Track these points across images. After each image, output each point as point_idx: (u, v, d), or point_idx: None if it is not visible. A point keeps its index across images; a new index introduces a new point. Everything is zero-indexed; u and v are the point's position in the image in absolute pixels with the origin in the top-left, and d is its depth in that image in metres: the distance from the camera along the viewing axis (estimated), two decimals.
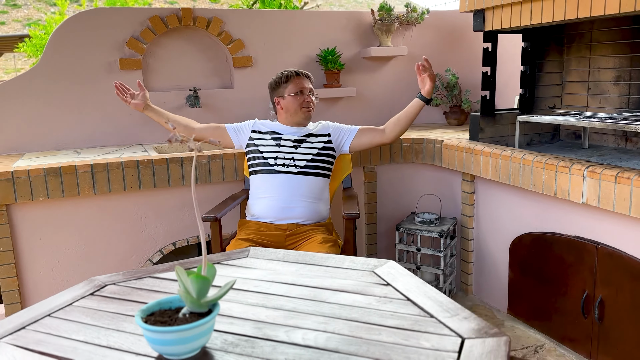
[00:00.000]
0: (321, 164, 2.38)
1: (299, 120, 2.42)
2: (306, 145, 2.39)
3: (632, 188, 1.83)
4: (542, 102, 2.91)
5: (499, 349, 0.92)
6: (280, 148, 2.36)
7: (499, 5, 2.52)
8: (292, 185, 2.30)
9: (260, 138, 2.41)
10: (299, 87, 2.39)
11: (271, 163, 2.34)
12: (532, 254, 2.47)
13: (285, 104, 2.40)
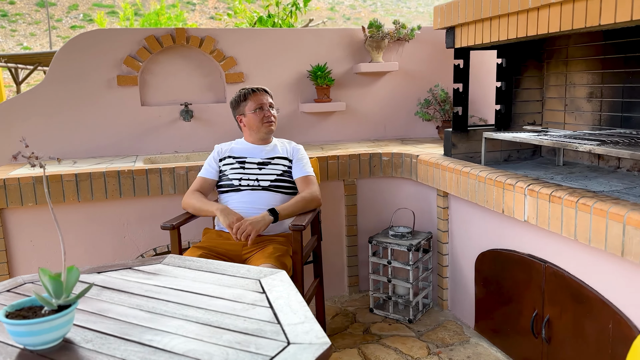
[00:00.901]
0: (284, 184, 2.46)
1: (262, 135, 2.51)
2: (270, 167, 2.47)
3: (563, 207, 1.82)
4: (521, 118, 2.89)
5: (311, 356, 0.99)
6: (245, 170, 2.46)
7: (466, 23, 2.54)
8: (254, 198, 2.40)
9: (227, 164, 2.51)
10: (258, 103, 2.48)
11: (236, 184, 2.43)
12: (492, 271, 2.47)
13: (247, 121, 2.50)
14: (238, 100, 2.53)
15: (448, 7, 2.64)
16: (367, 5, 28.49)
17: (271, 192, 2.42)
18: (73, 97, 3.18)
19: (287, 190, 2.46)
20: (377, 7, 28.14)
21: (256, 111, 2.48)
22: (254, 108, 2.48)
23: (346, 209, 3.15)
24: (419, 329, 2.76)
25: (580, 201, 1.74)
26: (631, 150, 1.77)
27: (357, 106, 3.71)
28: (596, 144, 1.87)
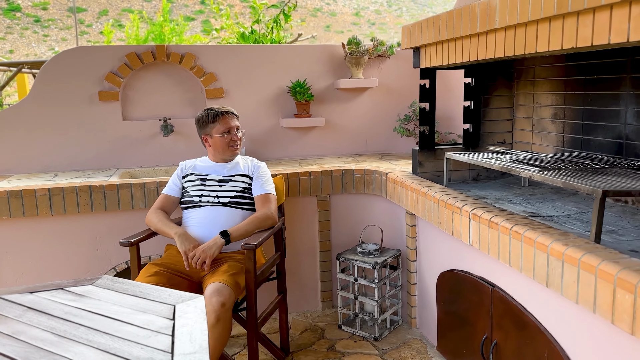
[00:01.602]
0: (244, 200, 2.50)
1: (226, 157, 2.57)
2: (230, 184, 2.52)
3: (499, 233, 1.82)
4: (490, 137, 2.88)
5: None
6: (205, 187, 2.51)
7: (429, 44, 2.56)
8: (213, 214, 2.44)
9: (189, 180, 2.56)
10: (226, 127, 2.51)
11: (196, 200, 2.48)
12: (450, 292, 2.47)
13: (214, 143, 2.54)
14: (206, 121, 2.54)
15: (413, 27, 2.66)
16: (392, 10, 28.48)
17: (231, 208, 2.46)
18: (56, 112, 3.28)
19: (247, 206, 2.51)
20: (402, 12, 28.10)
21: (224, 135, 2.51)
22: (222, 132, 2.51)
23: (319, 225, 3.18)
24: (383, 347, 2.77)
25: (514, 228, 1.74)
26: (569, 177, 1.76)
27: (338, 121, 3.74)
28: (537, 170, 1.86)
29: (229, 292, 2.10)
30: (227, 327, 2.10)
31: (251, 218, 2.41)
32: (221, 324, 2.06)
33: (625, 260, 1.37)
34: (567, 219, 2.00)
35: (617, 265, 1.33)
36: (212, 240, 2.27)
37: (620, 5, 1.38)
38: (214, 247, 2.24)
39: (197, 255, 2.22)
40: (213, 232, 2.37)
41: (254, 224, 2.38)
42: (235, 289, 2.16)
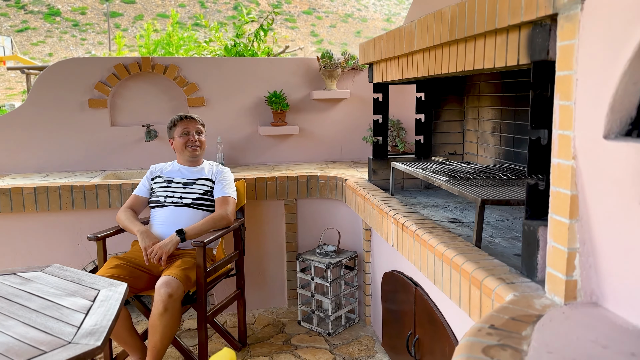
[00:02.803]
0: (206, 202, 2.72)
1: (187, 157, 2.79)
2: (194, 187, 2.75)
3: (408, 236, 2.01)
4: (442, 148, 3.06)
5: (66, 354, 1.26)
6: (171, 188, 2.75)
7: (378, 61, 2.76)
8: (176, 213, 2.68)
9: (157, 182, 2.80)
10: (184, 129, 2.77)
11: (162, 200, 2.72)
12: (390, 291, 2.65)
13: (175, 144, 2.81)
14: (170, 125, 2.83)
15: (367, 45, 2.86)
16: None
17: (193, 209, 2.70)
18: (50, 117, 3.59)
19: (208, 207, 2.73)
20: None
21: (182, 136, 2.77)
22: (181, 133, 2.77)
23: (286, 227, 3.39)
24: (335, 342, 2.96)
25: (417, 232, 1.93)
26: (466, 187, 1.94)
27: (314, 130, 3.96)
28: (446, 179, 2.04)
29: (177, 284, 2.33)
30: (175, 316, 2.32)
31: (207, 218, 2.64)
32: (169, 313, 2.29)
33: (487, 261, 1.55)
34: (484, 225, 2.17)
35: (475, 265, 1.51)
36: (169, 238, 2.51)
37: (490, 35, 1.56)
38: (170, 244, 2.48)
39: (154, 251, 2.46)
40: (174, 230, 2.60)
41: (209, 223, 2.61)
42: (185, 282, 2.39)
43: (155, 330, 2.29)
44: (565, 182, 1.18)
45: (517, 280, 1.38)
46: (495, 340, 1.03)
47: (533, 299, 1.24)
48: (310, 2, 37.39)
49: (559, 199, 1.20)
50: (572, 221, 1.17)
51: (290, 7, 33.75)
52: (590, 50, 1.09)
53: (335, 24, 35.15)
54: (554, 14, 1.21)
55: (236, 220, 2.83)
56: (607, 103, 1.04)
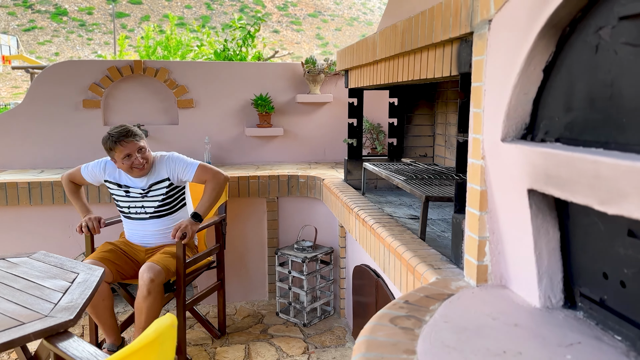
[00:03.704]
0: (171, 205, 2.72)
1: (136, 176, 2.67)
2: (153, 193, 2.69)
3: (366, 230, 2.18)
4: (413, 150, 3.23)
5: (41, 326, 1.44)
6: (129, 197, 2.70)
7: (352, 68, 2.94)
8: (142, 228, 2.75)
9: (112, 188, 2.74)
10: (124, 153, 2.56)
11: (125, 211, 2.73)
12: (358, 283, 2.82)
13: (119, 166, 2.63)
14: (106, 148, 2.61)
15: (343, 52, 3.04)
16: None
17: (157, 218, 2.72)
18: (47, 116, 3.78)
19: (175, 207, 2.76)
20: None
21: (124, 160, 2.57)
22: (122, 157, 2.57)
23: (268, 223, 3.57)
24: (309, 332, 3.14)
25: (373, 225, 2.10)
26: (423, 186, 2.11)
27: (298, 132, 4.14)
28: (403, 179, 2.22)
29: (159, 270, 2.50)
30: (158, 299, 2.49)
31: (209, 192, 2.66)
32: (152, 296, 2.45)
33: (424, 251, 1.72)
34: (439, 221, 2.34)
35: (412, 254, 1.68)
36: (188, 221, 2.59)
37: (431, 48, 1.74)
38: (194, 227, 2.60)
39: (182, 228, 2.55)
40: (145, 240, 2.77)
41: (213, 195, 2.66)
42: (166, 270, 2.57)
43: (140, 312, 2.47)
44: (477, 179, 1.35)
45: (444, 267, 1.55)
46: (404, 312, 1.21)
47: (451, 281, 1.42)
48: (316, 5, 37.48)
49: (472, 194, 1.38)
50: (482, 213, 1.35)
51: (296, 9, 33.90)
52: (494, 64, 1.27)
53: (340, 27, 35.22)
54: (472, 32, 1.39)
55: (217, 216, 3.01)
56: (504, 111, 1.21)
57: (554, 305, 1.21)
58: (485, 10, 1.28)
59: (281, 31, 26.04)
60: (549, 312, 1.19)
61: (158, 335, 1.04)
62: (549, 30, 1.08)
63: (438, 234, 2.07)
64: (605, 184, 0.89)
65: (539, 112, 1.18)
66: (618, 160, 0.85)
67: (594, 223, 1.07)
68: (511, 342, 1.05)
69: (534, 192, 1.14)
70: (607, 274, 1.08)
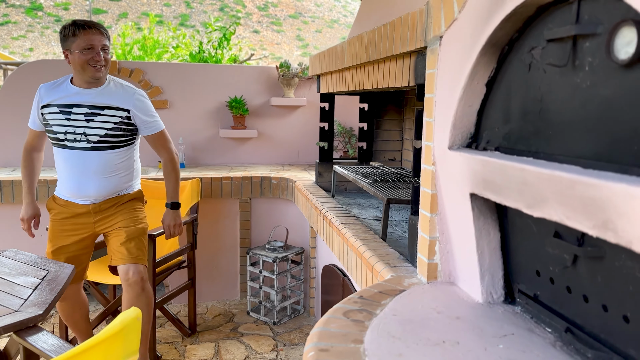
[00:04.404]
0: (117, 138, 2.30)
1: (87, 78, 2.24)
2: (100, 119, 2.26)
3: (332, 231, 2.27)
4: (382, 154, 3.34)
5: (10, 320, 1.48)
6: (70, 122, 2.25)
7: (323, 73, 3.03)
8: (84, 161, 2.28)
9: (50, 112, 2.27)
10: (87, 43, 2.17)
11: (61, 138, 2.26)
12: (327, 282, 2.91)
13: (73, 60, 2.21)
14: (67, 34, 2.21)
15: (315, 58, 3.13)
16: None
17: (101, 150, 2.28)
18: (18, 115, 3.77)
19: (119, 145, 2.33)
20: None
21: (84, 52, 2.18)
22: (82, 47, 2.18)
23: (240, 224, 3.63)
24: (279, 330, 3.21)
25: (339, 227, 2.19)
26: (387, 189, 2.21)
27: (273, 134, 4.21)
28: (368, 182, 2.32)
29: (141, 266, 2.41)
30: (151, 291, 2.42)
31: (169, 175, 2.49)
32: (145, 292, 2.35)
33: (384, 250, 1.82)
34: (403, 222, 2.44)
35: (372, 253, 1.78)
36: (171, 216, 2.49)
37: (393, 59, 1.84)
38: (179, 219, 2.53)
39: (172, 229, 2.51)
40: (82, 181, 2.31)
41: (175, 178, 2.51)
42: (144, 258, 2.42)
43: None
44: (428, 183, 1.45)
45: (400, 265, 1.65)
46: (357, 306, 1.30)
47: (405, 278, 1.51)
48: (297, 7, 37.68)
49: (424, 197, 1.48)
50: (433, 215, 1.45)
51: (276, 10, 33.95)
52: (444, 78, 1.37)
53: (321, 29, 35.42)
54: (426, 47, 1.49)
55: (189, 216, 3.06)
56: (451, 121, 1.31)
57: (495, 300, 1.31)
58: (437, 27, 1.38)
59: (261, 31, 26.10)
60: (490, 307, 1.29)
61: (123, 327, 1.10)
62: (489, 48, 1.18)
63: (400, 234, 2.17)
64: (530, 189, 0.99)
65: (482, 123, 1.29)
66: (540, 169, 0.96)
67: (528, 225, 1.18)
68: (451, 333, 1.15)
69: (475, 196, 1.24)
70: (539, 272, 1.18)
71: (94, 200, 2.37)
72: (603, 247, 0.96)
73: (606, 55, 0.90)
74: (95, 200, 2.37)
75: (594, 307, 1.03)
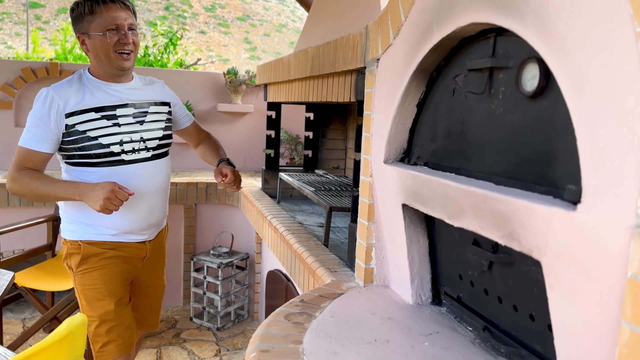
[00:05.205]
0: (169, 139, 1.88)
1: (113, 70, 1.69)
2: (151, 118, 1.77)
3: (276, 237, 2.35)
4: (327, 162, 3.45)
5: None
6: (121, 128, 1.69)
7: (270, 83, 3.10)
8: (146, 177, 1.73)
9: (86, 121, 1.65)
10: (111, 21, 1.62)
11: (116, 151, 1.67)
12: (271, 287, 2.98)
13: (93, 46, 1.65)
14: (82, 12, 1.65)
15: (262, 67, 3.20)
16: None
17: (159, 159, 1.79)
18: None
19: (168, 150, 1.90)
20: None
21: (107, 33, 1.62)
22: (105, 28, 1.62)
23: (185, 230, 3.63)
24: (222, 335, 3.24)
25: (283, 233, 2.27)
26: (330, 197, 2.32)
27: (219, 140, 4.20)
28: (312, 190, 2.41)
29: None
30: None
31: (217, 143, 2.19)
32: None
33: (325, 256, 1.92)
34: (344, 228, 2.55)
35: (314, 258, 1.87)
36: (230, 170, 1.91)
37: (336, 75, 1.94)
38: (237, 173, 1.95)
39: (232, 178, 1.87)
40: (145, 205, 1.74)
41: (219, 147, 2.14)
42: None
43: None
44: (366, 193, 1.56)
45: (340, 270, 1.75)
46: (298, 309, 1.38)
47: (344, 283, 1.61)
48: (245, 9, 37.46)
49: (362, 206, 1.59)
50: (370, 223, 1.55)
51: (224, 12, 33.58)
52: (381, 97, 1.49)
53: (269, 33, 35.35)
54: (365, 67, 1.60)
55: None
56: (386, 137, 1.43)
57: (423, 302, 1.43)
58: (374, 50, 1.50)
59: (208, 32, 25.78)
60: (419, 308, 1.41)
61: (69, 332, 1.13)
62: (420, 73, 1.31)
63: (341, 240, 2.27)
64: (451, 202, 1.11)
65: (413, 140, 1.41)
66: (459, 184, 1.08)
67: (451, 233, 1.31)
68: (383, 333, 1.25)
69: (406, 206, 1.35)
70: (462, 275, 1.31)
71: (153, 232, 1.82)
72: (513, 254, 1.09)
73: (516, 87, 1.03)
74: (154, 233, 1.82)
75: (506, 308, 1.16)
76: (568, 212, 0.82)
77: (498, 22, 0.98)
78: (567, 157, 0.88)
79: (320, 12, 2.62)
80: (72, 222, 1.73)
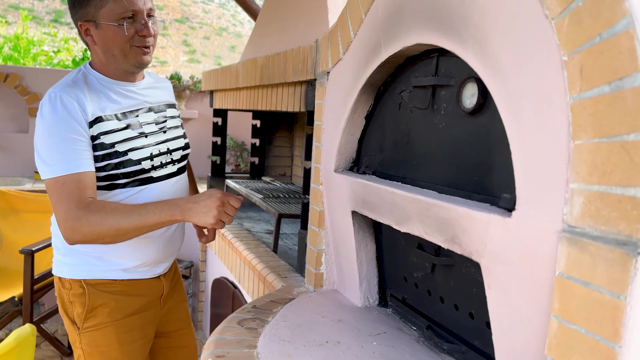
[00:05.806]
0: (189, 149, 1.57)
1: (129, 67, 1.37)
2: (171, 124, 1.50)
3: (225, 245, 2.36)
4: (274, 169, 3.49)
5: None
6: (148, 139, 1.40)
7: (217, 90, 3.11)
8: (174, 194, 1.46)
9: (109, 132, 1.32)
10: (127, 7, 1.30)
11: (147, 168, 1.38)
12: (217, 295, 2.97)
13: (103, 38, 1.33)
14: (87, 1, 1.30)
15: (208, 74, 3.20)
16: None
17: (183, 174, 1.53)
18: None
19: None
20: None
21: (123, 22, 1.31)
22: (120, 15, 1.30)
23: None
24: None
25: (231, 240, 2.29)
26: (278, 204, 2.36)
27: None
28: (261, 197, 2.45)
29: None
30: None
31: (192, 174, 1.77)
32: None
33: (275, 262, 1.95)
34: (293, 235, 2.60)
35: (264, 265, 1.90)
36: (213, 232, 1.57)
37: (285, 85, 1.99)
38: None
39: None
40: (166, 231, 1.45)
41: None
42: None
43: None
44: (317, 201, 1.62)
45: (290, 275, 1.79)
46: (251, 315, 1.41)
47: (294, 288, 1.66)
48: (184, 11, 36.72)
49: (313, 213, 1.64)
50: (320, 229, 1.61)
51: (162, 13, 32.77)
52: (331, 108, 1.55)
53: (209, 36, 34.82)
54: (315, 79, 1.66)
55: None
56: (336, 147, 1.49)
57: (371, 304, 1.51)
58: (325, 63, 1.56)
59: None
60: (367, 310, 1.48)
61: (18, 343, 1.10)
62: (368, 87, 1.38)
63: (290, 247, 2.32)
64: (398, 209, 1.19)
65: (362, 150, 1.48)
66: (406, 192, 1.16)
67: (397, 238, 1.39)
68: (333, 334, 1.31)
69: (356, 213, 1.42)
70: (407, 278, 1.40)
71: (169, 263, 1.52)
72: (454, 257, 1.18)
73: (456, 103, 1.12)
74: (170, 264, 1.53)
75: (448, 307, 1.25)
76: (504, 218, 0.91)
77: (441, 44, 1.07)
78: (503, 168, 0.98)
79: (268, 22, 2.67)
80: (71, 254, 1.34)
